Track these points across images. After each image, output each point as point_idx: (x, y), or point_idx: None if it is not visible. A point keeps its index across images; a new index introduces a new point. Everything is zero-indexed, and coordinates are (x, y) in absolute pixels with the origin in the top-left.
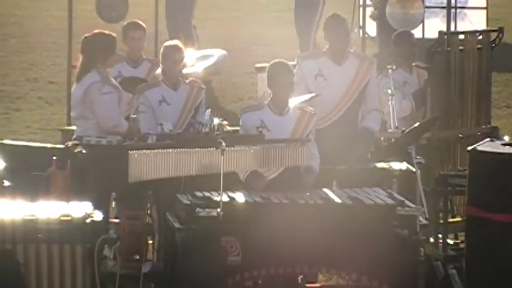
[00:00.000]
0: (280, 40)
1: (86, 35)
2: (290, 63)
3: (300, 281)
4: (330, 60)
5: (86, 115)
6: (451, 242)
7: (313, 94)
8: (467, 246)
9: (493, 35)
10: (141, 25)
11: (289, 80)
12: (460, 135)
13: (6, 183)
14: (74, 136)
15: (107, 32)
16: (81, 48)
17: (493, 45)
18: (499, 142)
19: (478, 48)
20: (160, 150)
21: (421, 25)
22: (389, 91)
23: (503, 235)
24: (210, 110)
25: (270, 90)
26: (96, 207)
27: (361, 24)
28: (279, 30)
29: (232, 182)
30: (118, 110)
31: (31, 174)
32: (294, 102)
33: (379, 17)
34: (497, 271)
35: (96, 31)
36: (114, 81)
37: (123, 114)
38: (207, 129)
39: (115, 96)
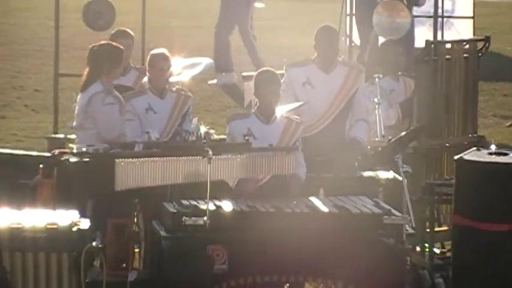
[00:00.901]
0: (269, 48)
1: (93, 45)
2: (278, 71)
3: None
4: (318, 68)
5: (85, 125)
6: (437, 251)
7: (301, 102)
8: (454, 255)
9: (480, 44)
10: (129, 33)
11: (275, 89)
12: (447, 144)
13: None
14: (76, 146)
15: (114, 43)
16: (88, 59)
17: (480, 54)
18: (485, 151)
19: (465, 57)
20: (146, 159)
21: None
22: (375, 100)
23: (489, 244)
24: (197, 118)
25: (256, 99)
26: (82, 215)
27: (347, 33)
28: (267, 39)
29: (219, 190)
30: (120, 120)
31: (17, 182)
32: (281, 110)
33: None
34: (484, 280)
35: (103, 42)
36: (116, 92)
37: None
38: (194, 138)
39: (116, 107)
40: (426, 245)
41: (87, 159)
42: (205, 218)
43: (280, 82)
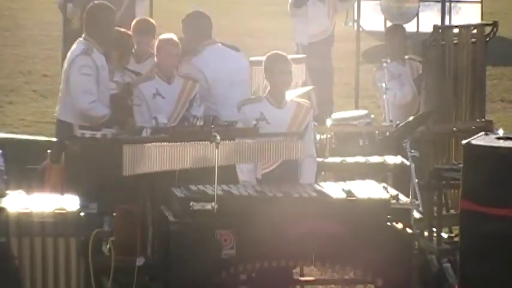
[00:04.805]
0: (277, 33)
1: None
2: (289, 56)
3: (294, 275)
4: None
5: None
6: (445, 235)
7: (310, 87)
8: (461, 239)
9: (488, 29)
10: (150, 28)
11: (286, 69)
12: (455, 129)
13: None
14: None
15: (122, 30)
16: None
17: (488, 39)
18: (493, 136)
19: (473, 42)
20: (154, 144)
21: (415, 19)
22: (383, 85)
23: (497, 229)
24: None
25: (267, 82)
26: (90, 200)
27: (355, 17)
28: (276, 24)
29: (227, 175)
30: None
31: (25, 167)
32: (290, 94)
33: None
34: (492, 265)
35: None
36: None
37: None
38: (201, 123)
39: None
40: (434, 229)
41: (95, 144)
42: (213, 203)
43: (290, 63)
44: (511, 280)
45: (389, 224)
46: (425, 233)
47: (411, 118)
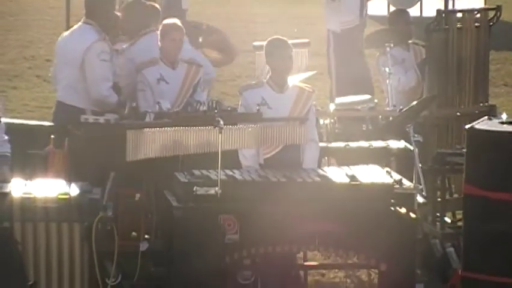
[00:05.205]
0: (280, 18)
1: None
2: (291, 41)
3: (297, 260)
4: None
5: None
6: (448, 220)
7: (312, 72)
8: (465, 224)
9: (491, 13)
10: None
11: (287, 54)
12: (458, 114)
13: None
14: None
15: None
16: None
17: (491, 23)
18: (496, 120)
19: (476, 27)
20: (158, 129)
21: (419, 3)
22: (387, 69)
23: (500, 213)
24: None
25: (268, 67)
26: (94, 185)
27: None
28: (279, 9)
29: (230, 160)
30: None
31: (28, 153)
32: (292, 79)
33: None
34: (495, 249)
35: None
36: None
37: None
38: (205, 108)
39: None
40: (437, 214)
41: (98, 129)
42: (216, 188)
43: (291, 47)
44: None
45: (392, 208)
46: (429, 218)
47: (414, 103)
